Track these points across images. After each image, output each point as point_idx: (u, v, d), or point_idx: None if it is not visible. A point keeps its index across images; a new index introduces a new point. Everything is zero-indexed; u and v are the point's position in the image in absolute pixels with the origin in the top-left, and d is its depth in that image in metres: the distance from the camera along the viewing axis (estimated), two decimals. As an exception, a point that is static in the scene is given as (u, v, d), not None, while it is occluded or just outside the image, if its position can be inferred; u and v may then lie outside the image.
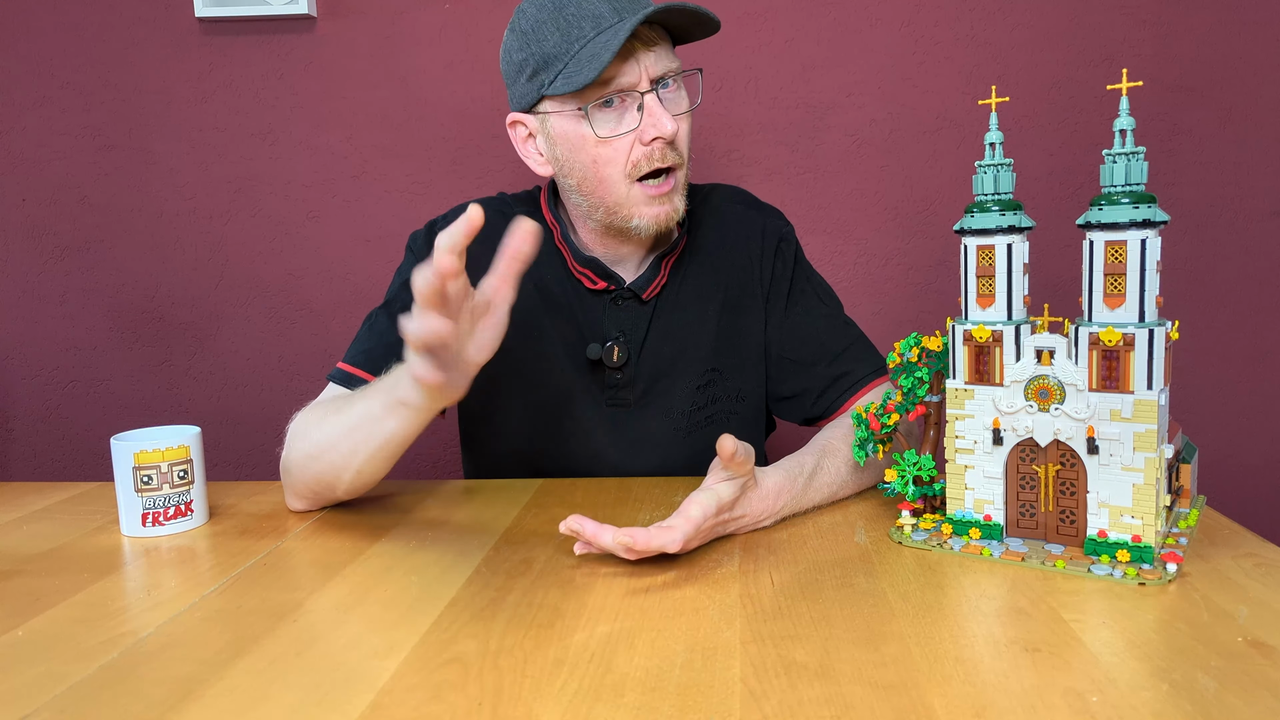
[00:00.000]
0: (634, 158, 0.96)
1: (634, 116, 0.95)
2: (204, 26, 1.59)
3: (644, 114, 0.95)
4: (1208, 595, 0.68)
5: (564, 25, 0.93)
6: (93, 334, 1.68)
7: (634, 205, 0.98)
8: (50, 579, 0.80)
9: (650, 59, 0.94)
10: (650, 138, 0.95)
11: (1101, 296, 0.72)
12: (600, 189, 0.99)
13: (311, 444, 0.91)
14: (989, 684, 0.56)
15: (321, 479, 0.91)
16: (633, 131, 0.95)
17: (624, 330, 1.06)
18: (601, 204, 1.00)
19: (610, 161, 0.96)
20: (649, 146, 0.95)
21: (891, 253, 1.59)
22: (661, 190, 0.98)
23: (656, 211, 0.98)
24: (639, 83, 0.94)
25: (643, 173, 0.97)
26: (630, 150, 0.96)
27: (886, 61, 1.55)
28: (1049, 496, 0.76)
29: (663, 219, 0.99)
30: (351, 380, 1.01)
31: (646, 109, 0.95)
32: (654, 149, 0.96)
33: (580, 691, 0.57)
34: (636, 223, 0.99)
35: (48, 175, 1.65)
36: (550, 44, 0.94)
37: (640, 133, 0.95)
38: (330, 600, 0.73)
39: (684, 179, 1.01)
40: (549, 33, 0.94)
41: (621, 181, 0.97)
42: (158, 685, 0.60)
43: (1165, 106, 1.52)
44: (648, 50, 0.94)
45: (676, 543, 0.74)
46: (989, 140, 0.77)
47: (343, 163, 1.62)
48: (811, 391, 1.07)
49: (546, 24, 0.94)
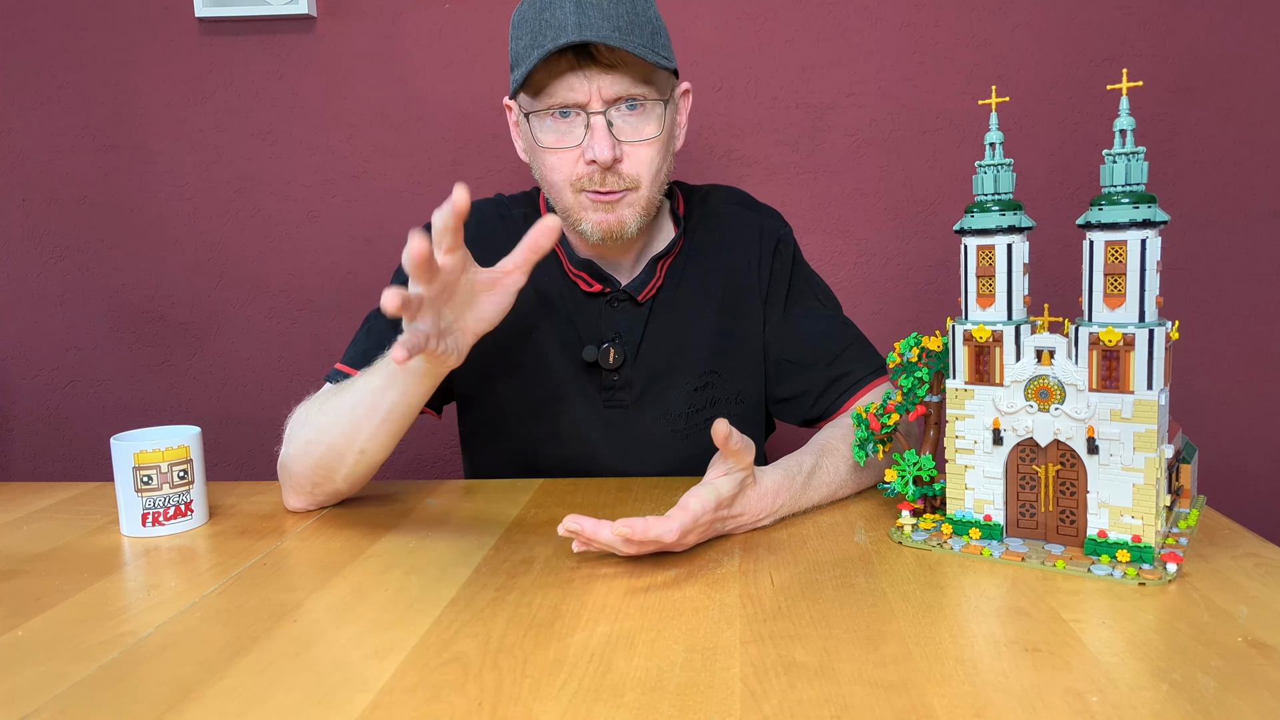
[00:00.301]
0: (578, 172, 0.96)
1: (580, 134, 0.95)
2: (204, 26, 1.59)
3: (588, 133, 0.94)
4: (1208, 595, 0.68)
5: (535, 29, 0.93)
6: (93, 334, 1.69)
7: (581, 210, 0.98)
8: (50, 579, 0.80)
9: (606, 80, 0.92)
10: (587, 159, 0.94)
11: (1101, 296, 0.72)
12: (552, 192, 1.00)
13: (312, 429, 0.92)
14: (989, 684, 0.56)
15: (323, 464, 0.91)
16: (577, 147, 0.95)
17: (620, 332, 1.07)
18: (558, 204, 1.00)
19: (555, 169, 0.97)
20: (589, 166, 0.95)
21: (891, 253, 1.59)
22: (602, 200, 0.97)
23: (600, 218, 0.98)
24: (589, 102, 0.93)
25: (585, 189, 0.97)
26: (575, 164, 0.96)
27: (886, 61, 1.55)
28: (1049, 496, 0.76)
29: (608, 227, 0.98)
30: None
31: (590, 130, 0.94)
32: (593, 171, 0.95)
33: (580, 691, 0.57)
34: (584, 227, 0.99)
35: (48, 175, 1.65)
36: (521, 44, 0.95)
37: (582, 151, 0.95)
38: (330, 600, 0.73)
39: (641, 201, 0.98)
40: (523, 32, 0.94)
41: (566, 189, 0.98)
42: (158, 685, 0.60)
43: (1165, 106, 1.52)
44: (604, 72, 0.92)
45: (673, 532, 0.74)
46: (989, 140, 0.77)
47: (343, 163, 1.62)
48: (811, 393, 1.07)
49: (524, 24, 0.95)
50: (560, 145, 0.96)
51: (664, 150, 0.99)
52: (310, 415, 0.94)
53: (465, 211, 0.73)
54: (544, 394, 1.08)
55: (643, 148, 0.96)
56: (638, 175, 0.96)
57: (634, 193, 0.97)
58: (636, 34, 0.92)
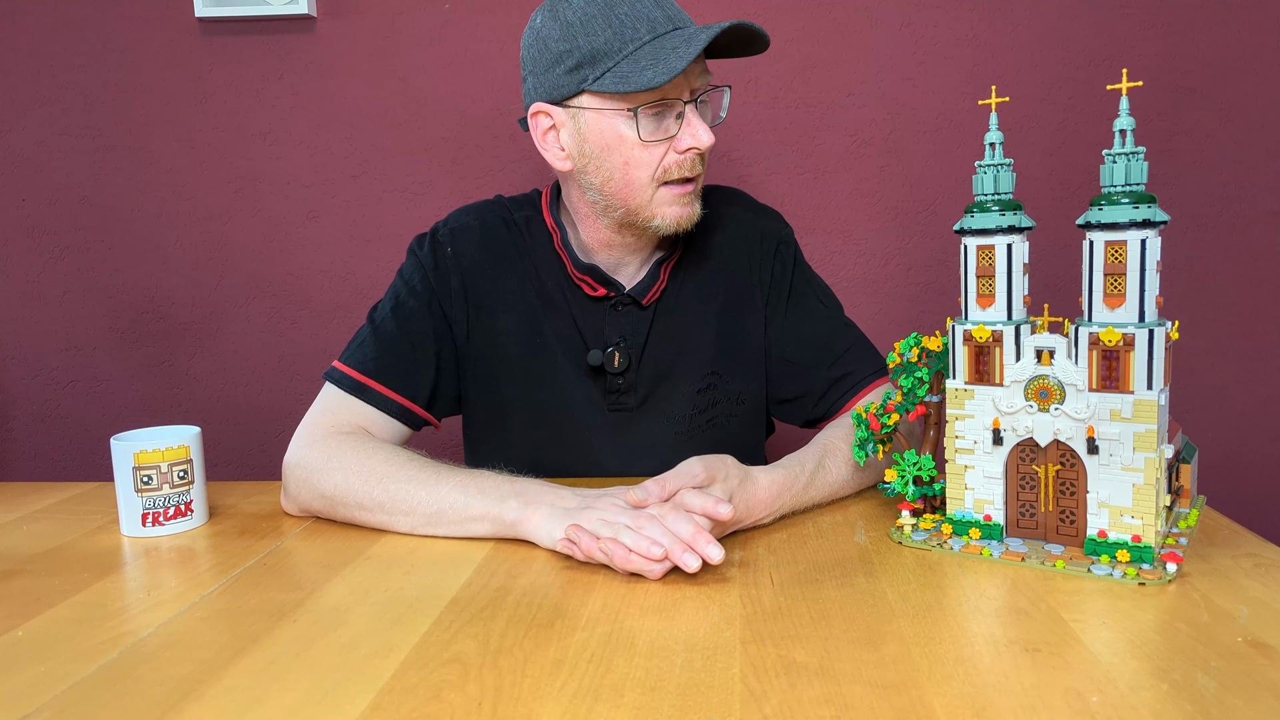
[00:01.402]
0: (666, 163, 0.97)
1: (673, 124, 0.96)
2: (204, 26, 1.59)
3: (683, 123, 0.96)
4: (1208, 595, 0.68)
5: (616, 24, 0.93)
6: (93, 334, 1.68)
7: (657, 206, 0.99)
8: (50, 579, 0.80)
9: (697, 70, 0.96)
10: (685, 147, 0.96)
11: (1101, 296, 0.72)
12: (625, 190, 0.99)
13: (368, 498, 0.90)
14: (989, 684, 0.56)
15: (356, 521, 0.92)
16: (670, 139, 0.96)
17: (624, 336, 1.06)
18: (624, 204, 1.00)
19: (643, 165, 0.97)
20: (683, 155, 0.97)
21: (891, 253, 1.59)
22: (685, 191, 0.99)
23: (679, 213, 0.99)
24: (683, 93, 0.96)
25: (671, 178, 0.98)
26: (663, 156, 0.97)
27: (886, 61, 1.55)
28: (1049, 496, 0.76)
29: (684, 220, 1.00)
30: (361, 389, 1.01)
31: (686, 119, 0.96)
32: (686, 158, 0.97)
33: (580, 691, 0.57)
34: (657, 222, 1.00)
35: (48, 175, 1.65)
36: (601, 40, 0.93)
37: (676, 141, 0.96)
38: (330, 600, 0.73)
39: (701, 186, 1.03)
40: (599, 28, 0.93)
41: (649, 185, 0.98)
42: (158, 685, 0.60)
43: (1165, 106, 1.52)
44: (698, 62, 0.96)
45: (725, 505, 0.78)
46: (989, 140, 0.77)
47: (343, 163, 1.62)
48: (812, 394, 1.07)
49: (597, 19, 0.93)
50: (658, 138, 0.96)
51: None
52: (364, 482, 0.90)
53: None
54: (548, 398, 1.08)
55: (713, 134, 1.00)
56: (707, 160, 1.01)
57: (700, 180, 1.01)
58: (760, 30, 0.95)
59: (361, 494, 0.90)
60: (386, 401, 1.01)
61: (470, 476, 0.89)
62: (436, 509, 0.87)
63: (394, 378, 1.02)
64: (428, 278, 1.06)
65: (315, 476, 0.93)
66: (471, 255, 1.08)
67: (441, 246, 1.08)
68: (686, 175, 0.98)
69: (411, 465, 0.91)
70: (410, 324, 1.05)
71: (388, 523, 0.90)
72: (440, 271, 1.07)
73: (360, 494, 0.90)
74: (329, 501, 0.92)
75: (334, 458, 0.93)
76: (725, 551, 0.78)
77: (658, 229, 1.00)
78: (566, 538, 0.78)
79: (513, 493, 0.85)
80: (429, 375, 1.05)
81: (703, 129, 0.96)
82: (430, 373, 1.05)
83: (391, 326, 1.04)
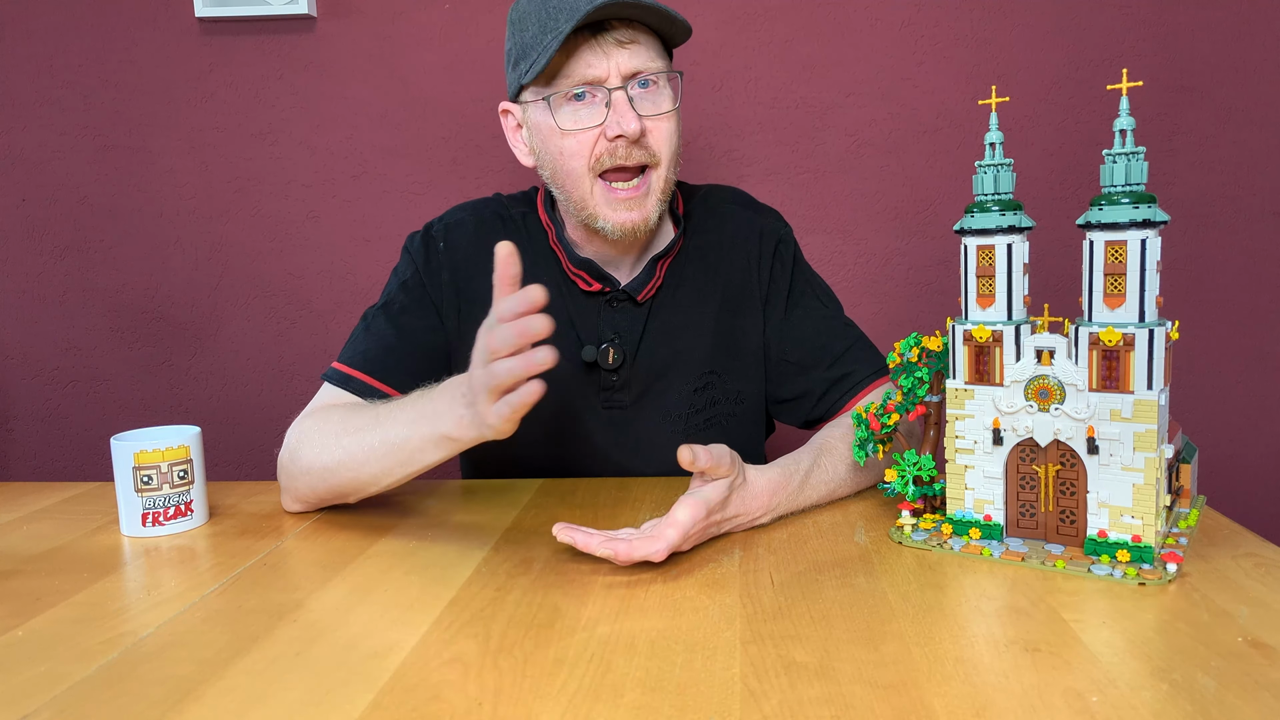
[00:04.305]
0: (597, 151, 0.96)
1: (601, 112, 0.95)
2: (204, 26, 1.59)
3: (609, 110, 0.94)
4: (1208, 595, 0.68)
5: (543, 16, 0.93)
6: (93, 334, 1.68)
7: (599, 206, 0.98)
8: (50, 579, 0.80)
9: (624, 55, 0.93)
10: (613, 134, 0.94)
11: (1101, 296, 0.72)
12: (567, 182, 0.99)
13: (331, 459, 0.90)
14: (989, 684, 0.56)
15: (339, 491, 0.91)
16: (597, 126, 0.95)
17: (619, 332, 1.06)
18: (571, 199, 1.00)
19: (574, 154, 0.96)
20: (613, 143, 0.95)
21: (891, 253, 1.59)
22: (631, 195, 0.97)
23: (621, 217, 0.97)
24: (607, 78, 0.94)
25: (605, 168, 0.96)
26: (595, 144, 0.95)
27: (886, 61, 1.55)
28: (1049, 496, 0.76)
29: (628, 225, 0.98)
30: (350, 382, 1.01)
31: (612, 105, 0.94)
32: (617, 145, 0.95)
33: (580, 691, 0.57)
34: (601, 224, 0.98)
35: (48, 175, 1.65)
36: (530, 33, 0.94)
37: (605, 128, 0.95)
38: (330, 600, 0.73)
39: (660, 182, 0.99)
40: (530, 23, 0.94)
41: (585, 176, 0.97)
42: (158, 685, 0.60)
43: (1165, 106, 1.52)
44: (621, 47, 0.93)
45: (661, 553, 0.74)
46: (989, 140, 0.77)
47: (343, 163, 1.62)
48: (812, 394, 1.07)
49: (530, 15, 0.95)
50: (580, 126, 0.95)
51: (679, 128, 1.00)
52: (326, 440, 0.91)
53: (516, 275, 0.75)
54: (543, 394, 1.07)
55: (663, 121, 0.97)
56: (659, 150, 0.97)
57: (655, 171, 0.98)
58: (653, 7, 0.93)
59: (327, 458, 0.89)
60: (373, 393, 1.01)
61: (400, 407, 0.87)
62: (385, 450, 0.85)
63: (381, 370, 1.02)
64: (419, 273, 1.07)
65: (293, 461, 0.93)
66: (464, 250, 1.08)
67: (434, 242, 1.08)
68: (621, 163, 0.96)
69: (361, 415, 0.90)
70: (400, 318, 1.05)
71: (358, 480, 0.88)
72: (431, 266, 1.07)
73: (326, 459, 0.89)
74: (311, 478, 0.91)
75: (304, 435, 0.93)
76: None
77: (604, 232, 0.99)
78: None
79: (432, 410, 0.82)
80: (418, 369, 1.04)
81: (628, 115, 0.93)
82: (419, 366, 1.04)
83: (382, 322, 1.05)
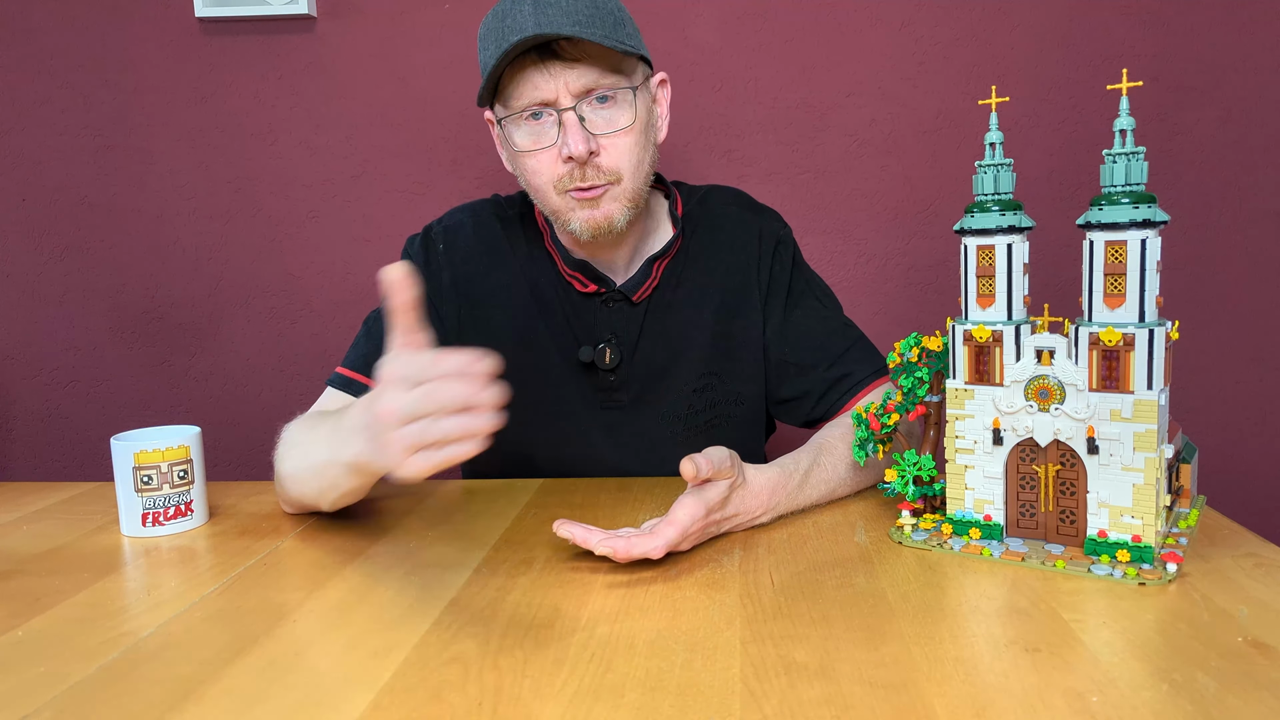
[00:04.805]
0: (558, 172, 0.95)
1: (554, 133, 0.94)
2: (204, 26, 1.59)
3: (561, 131, 0.94)
4: (1208, 595, 0.68)
5: (498, 37, 0.92)
6: (93, 334, 1.68)
7: (569, 211, 0.98)
8: (50, 579, 0.80)
9: (572, 75, 0.92)
10: (565, 155, 0.94)
11: (1101, 296, 0.72)
12: (538, 197, 1.00)
13: (289, 469, 0.89)
14: (989, 684, 0.56)
15: (303, 503, 0.91)
16: (552, 147, 0.95)
17: (615, 332, 1.06)
18: (545, 209, 1.01)
19: (539, 173, 0.96)
20: (569, 164, 0.94)
21: (891, 253, 1.59)
22: (588, 196, 0.96)
23: (585, 216, 0.97)
24: (557, 99, 0.92)
25: (568, 188, 0.96)
26: (554, 165, 0.95)
27: (886, 61, 1.55)
28: (1049, 496, 0.76)
29: (593, 223, 0.97)
30: (351, 385, 1.02)
31: (563, 126, 0.93)
32: (573, 167, 0.94)
33: (580, 691, 0.57)
34: (574, 227, 0.98)
35: (48, 175, 1.65)
36: (487, 53, 0.94)
37: (559, 150, 0.94)
38: (330, 600, 0.73)
39: (626, 192, 0.97)
40: (488, 41, 0.94)
41: (551, 191, 0.97)
42: (158, 685, 0.60)
43: (1165, 106, 1.52)
44: (569, 66, 0.92)
45: (659, 549, 0.74)
46: (989, 140, 0.77)
47: (343, 163, 1.62)
48: (812, 394, 1.07)
49: (488, 35, 0.94)
50: (536, 147, 0.95)
51: (642, 140, 0.98)
52: (290, 450, 0.90)
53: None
54: (541, 394, 1.08)
55: (619, 138, 0.95)
56: (617, 167, 0.96)
57: (616, 186, 0.96)
58: (598, 25, 0.91)
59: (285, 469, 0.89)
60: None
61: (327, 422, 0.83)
62: (312, 473, 0.84)
63: None
64: (418, 275, 1.07)
65: (275, 465, 0.93)
66: (463, 251, 1.08)
67: (434, 244, 1.08)
68: (579, 185, 0.95)
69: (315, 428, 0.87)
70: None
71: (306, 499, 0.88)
72: (431, 268, 1.07)
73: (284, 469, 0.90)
74: (282, 485, 0.91)
75: (282, 440, 0.93)
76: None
77: (575, 233, 0.99)
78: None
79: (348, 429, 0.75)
80: None
81: (576, 138, 0.92)
82: None
83: (382, 324, 1.05)
